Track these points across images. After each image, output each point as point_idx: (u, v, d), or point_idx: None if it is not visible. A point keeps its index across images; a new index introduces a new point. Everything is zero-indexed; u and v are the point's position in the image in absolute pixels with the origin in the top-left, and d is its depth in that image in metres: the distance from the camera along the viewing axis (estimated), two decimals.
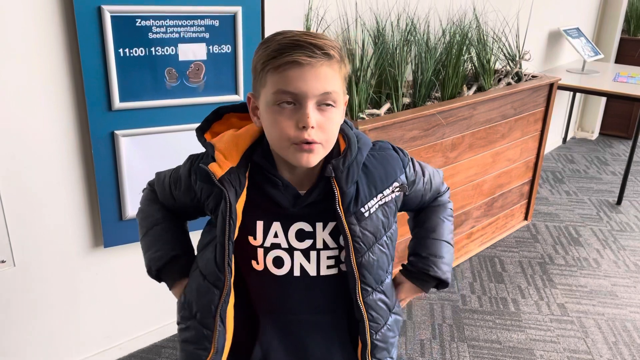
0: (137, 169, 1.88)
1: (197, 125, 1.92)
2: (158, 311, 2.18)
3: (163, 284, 1.14)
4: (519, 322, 2.42)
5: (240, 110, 1.04)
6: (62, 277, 1.90)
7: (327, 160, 0.94)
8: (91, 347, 2.05)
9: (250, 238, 0.98)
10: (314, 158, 0.89)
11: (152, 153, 1.89)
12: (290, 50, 0.84)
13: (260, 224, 0.97)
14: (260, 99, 0.91)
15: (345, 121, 0.99)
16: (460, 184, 2.67)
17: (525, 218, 3.35)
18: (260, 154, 0.96)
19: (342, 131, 0.98)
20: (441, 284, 1.09)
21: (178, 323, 1.08)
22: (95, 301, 2.01)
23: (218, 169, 0.93)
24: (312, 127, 0.86)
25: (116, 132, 1.80)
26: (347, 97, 0.95)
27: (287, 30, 0.90)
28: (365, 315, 0.99)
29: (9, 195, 1.69)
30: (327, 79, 0.86)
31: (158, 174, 1.15)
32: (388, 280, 1.04)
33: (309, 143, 0.87)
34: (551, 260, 2.96)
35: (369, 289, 0.98)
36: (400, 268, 1.12)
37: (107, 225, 1.89)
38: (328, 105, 0.88)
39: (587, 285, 2.73)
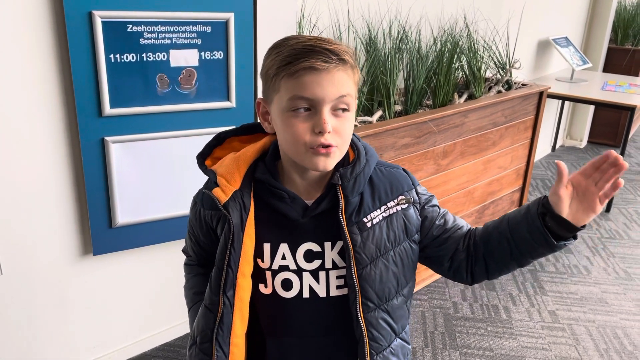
0: (127, 175, 1.86)
1: (188, 131, 1.93)
2: (148, 320, 2.16)
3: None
4: (511, 330, 2.42)
5: (242, 133, 1.03)
6: (50, 285, 1.87)
7: (335, 168, 0.94)
8: (80, 356, 2.02)
9: (259, 260, 0.96)
10: (331, 162, 0.89)
11: (143, 160, 1.87)
12: (305, 56, 0.84)
13: (267, 247, 0.96)
14: (272, 104, 0.90)
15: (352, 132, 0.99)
16: (451, 191, 2.67)
17: None
18: (262, 170, 0.96)
19: (350, 142, 0.97)
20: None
21: (187, 350, 1.05)
22: (84, 309, 1.98)
23: (222, 194, 0.93)
24: (329, 132, 0.86)
25: (106, 138, 1.78)
26: (357, 102, 0.95)
27: (297, 35, 0.89)
28: (364, 333, 0.95)
29: None
30: (342, 84, 0.86)
31: (186, 235, 1.16)
32: (396, 302, 0.99)
33: (325, 147, 0.86)
34: (542, 267, 2.97)
35: (371, 304, 0.95)
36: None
37: (96, 232, 1.87)
38: (343, 109, 0.88)
39: (577, 293, 2.74)
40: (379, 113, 2.34)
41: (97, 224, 1.86)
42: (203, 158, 1.01)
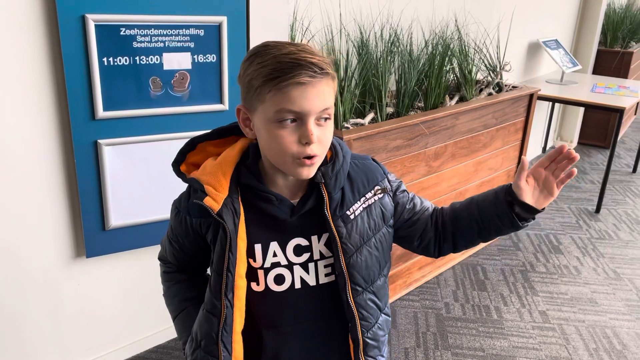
0: (120, 178, 1.86)
1: (181, 134, 1.94)
2: (141, 322, 2.16)
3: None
4: (502, 330, 2.44)
5: (215, 138, 1.05)
6: (43, 288, 1.87)
7: None
8: (73, 358, 2.02)
9: (250, 260, 0.99)
10: (314, 169, 0.94)
11: (136, 162, 1.88)
12: (292, 71, 0.86)
13: (258, 247, 0.99)
14: (256, 113, 0.92)
15: None
16: (443, 192, 2.69)
17: None
18: (247, 175, 0.98)
19: None
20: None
21: (189, 355, 1.07)
22: (77, 312, 1.98)
23: (214, 203, 0.94)
24: (314, 142, 0.90)
25: (99, 141, 1.78)
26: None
27: (278, 43, 0.90)
28: (356, 314, 1.02)
29: None
30: (326, 96, 0.90)
31: (161, 241, 1.17)
32: (380, 282, 1.06)
33: (310, 157, 0.90)
34: (532, 267, 3.00)
35: (359, 288, 1.02)
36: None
37: (89, 235, 1.87)
38: (325, 119, 0.92)
39: (567, 293, 2.77)
40: (370, 115, 2.35)
41: (90, 226, 1.87)
42: (178, 165, 1.03)
